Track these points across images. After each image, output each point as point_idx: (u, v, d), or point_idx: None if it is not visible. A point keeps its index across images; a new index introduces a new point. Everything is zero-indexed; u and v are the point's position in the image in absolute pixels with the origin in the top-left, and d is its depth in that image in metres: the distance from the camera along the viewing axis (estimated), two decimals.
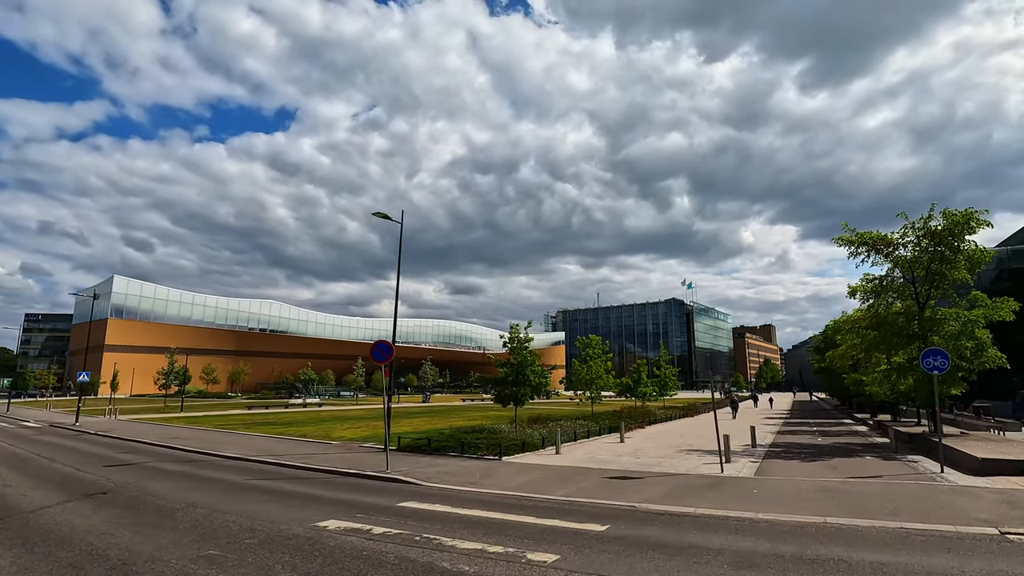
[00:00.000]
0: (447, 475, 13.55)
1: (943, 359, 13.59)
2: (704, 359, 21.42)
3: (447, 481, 12.76)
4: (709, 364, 21.30)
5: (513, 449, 17.23)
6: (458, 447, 17.24)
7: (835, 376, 46.81)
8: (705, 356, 21.42)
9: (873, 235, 20.26)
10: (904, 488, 11.52)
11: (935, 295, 20.39)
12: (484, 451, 16.79)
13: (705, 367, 20.37)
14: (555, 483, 12.39)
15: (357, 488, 12.13)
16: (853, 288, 22.39)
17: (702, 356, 20.98)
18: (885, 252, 20.47)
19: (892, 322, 20.59)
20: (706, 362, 21.56)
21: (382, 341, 14.55)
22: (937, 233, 18.96)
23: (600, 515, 9.35)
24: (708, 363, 21.02)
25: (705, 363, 20.98)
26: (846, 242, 21.10)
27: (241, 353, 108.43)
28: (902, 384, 22.76)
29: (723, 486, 11.95)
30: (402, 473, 13.71)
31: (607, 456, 17.23)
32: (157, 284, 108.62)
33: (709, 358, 22.01)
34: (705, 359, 21.47)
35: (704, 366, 20.17)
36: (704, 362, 21.34)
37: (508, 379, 21.80)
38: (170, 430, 26.94)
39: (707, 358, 21.59)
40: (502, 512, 9.62)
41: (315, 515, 9.29)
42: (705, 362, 21.49)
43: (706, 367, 20.57)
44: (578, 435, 22.28)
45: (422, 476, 13.34)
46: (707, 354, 21.62)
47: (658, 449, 19.30)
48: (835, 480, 12.53)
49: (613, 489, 11.70)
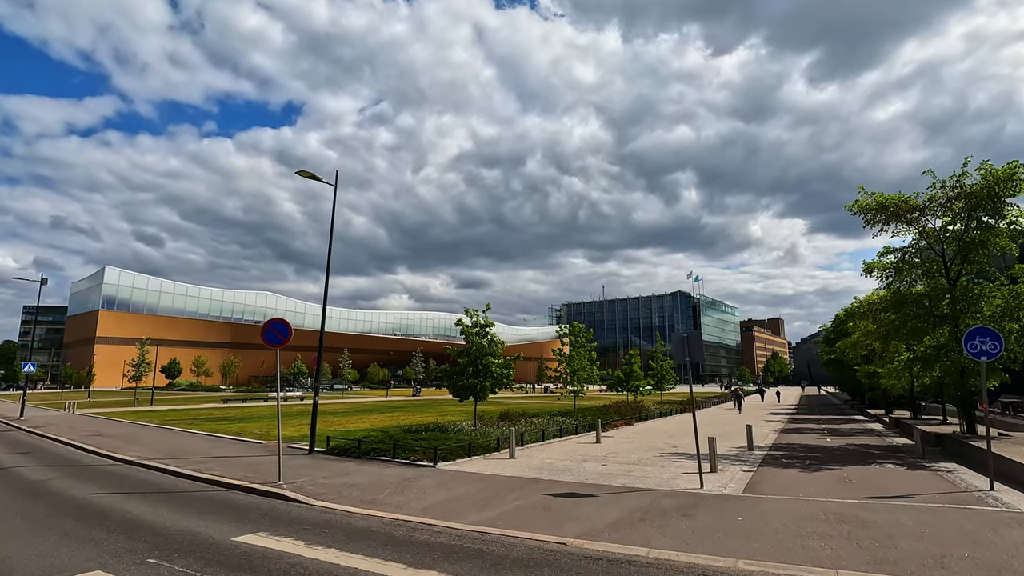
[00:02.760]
0: (351, 489, 10.64)
1: (994, 341, 10.44)
2: (679, 341, 17.75)
3: (344, 498, 9.85)
4: (685, 345, 17.38)
5: (457, 453, 14.31)
6: (390, 450, 14.35)
7: (846, 368, 43.54)
8: (681, 337, 17.89)
9: (895, 198, 17.02)
10: (949, 517, 8.42)
11: (968, 270, 17.15)
12: (419, 455, 13.89)
13: (679, 350, 16.62)
14: (479, 503, 9.45)
15: (218, 509, 9.25)
16: (869, 265, 19.19)
17: (676, 337, 17.48)
18: (909, 219, 17.24)
19: (917, 302, 17.36)
20: (681, 344, 17.78)
21: (278, 320, 11.61)
22: (974, 193, 15.71)
23: (508, 562, 6.40)
24: (682, 345, 17.22)
25: (680, 345, 17.22)
26: (862, 209, 17.91)
27: (236, 345, 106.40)
28: (926, 376, 19.57)
29: (698, 509, 8.94)
30: (297, 486, 10.83)
31: (570, 462, 14.26)
32: (150, 276, 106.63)
33: (686, 338, 18.28)
34: (680, 340, 17.82)
35: (678, 349, 16.49)
36: (678, 344, 17.60)
37: (467, 370, 18.85)
38: (108, 426, 24.31)
39: (683, 339, 17.96)
40: (370, 553, 6.69)
41: (91, 557, 6.43)
42: (680, 344, 17.73)
43: (680, 350, 16.77)
44: (548, 434, 19.33)
45: (319, 491, 10.45)
46: (683, 335, 18.22)
47: (636, 452, 16.31)
48: (850, 502, 9.46)
49: (551, 514, 8.73)
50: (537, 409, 29.50)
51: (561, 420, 23.14)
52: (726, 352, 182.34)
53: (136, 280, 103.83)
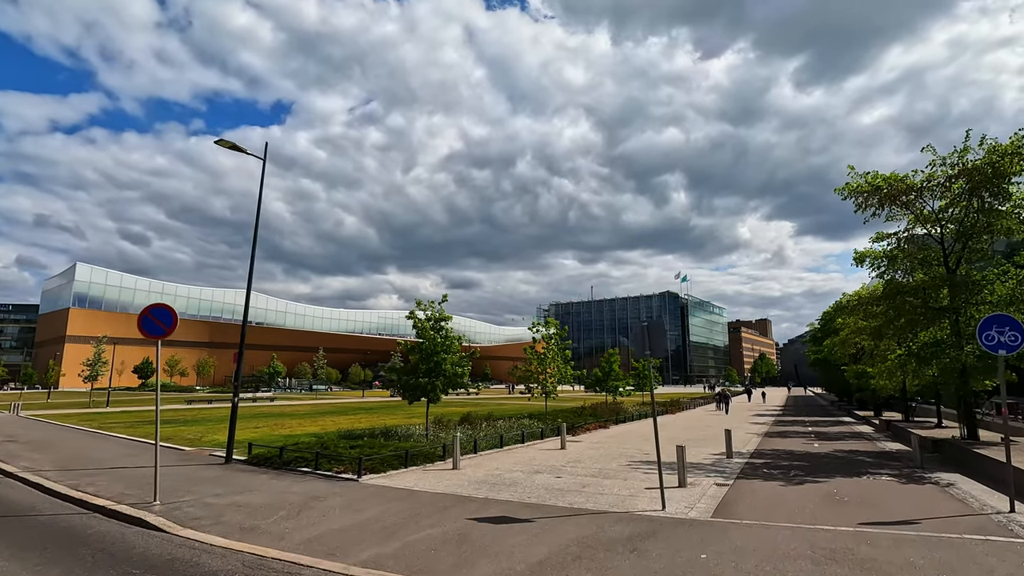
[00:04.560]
0: (237, 511, 8.67)
1: (1014, 332, 8.67)
2: (638, 332, 14.95)
3: (220, 525, 7.90)
4: (645, 336, 14.49)
5: (391, 463, 12.36)
6: (313, 460, 12.38)
7: (833, 368, 42.18)
8: (641, 327, 15.17)
9: (890, 177, 15.35)
10: (970, 553, 6.61)
11: (969, 257, 15.52)
12: (345, 466, 11.93)
13: (639, 342, 13.91)
14: (384, 531, 7.54)
15: (42, 543, 7.25)
16: (861, 253, 17.52)
17: (635, 328, 14.78)
18: (904, 201, 15.57)
19: (913, 292, 15.68)
20: (641, 335, 14.87)
21: (159, 307, 9.61)
22: (977, 170, 14.06)
23: None
24: (642, 336, 14.36)
25: (640, 337, 14.30)
26: (852, 192, 16.22)
27: (215, 345, 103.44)
28: (920, 376, 17.93)
29: (653, 541, 7.09)
30: (172, 508, 8.84)
31: (521, 473, 12.39)
32: (124, 273, 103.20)
33: (646, 329, 15.56)
34: (640, 331, 15.03)
35: (638, 341, 13.82)
36: (638, 335, 14.71)
37: (419, 367, 16.89)
38: (34, 430, 22.05)
39: (642, 329, 15.25)
40: None
41: None
42: (640, 335, 14.82)
43: (640, 342, 13.98)
44: (509, 440, 17.47)
45: (196, 515, 8.48)
46: (643, 324, 15.66)
47: (602, 460, 14.48)
48: (844, 531, 7.64)
49: (464, 548, 6.84)
50: (507, 411, 27.62)
51: (529, 423, 21.30)
52: (714, 353, 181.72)
53: (109, 277, 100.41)
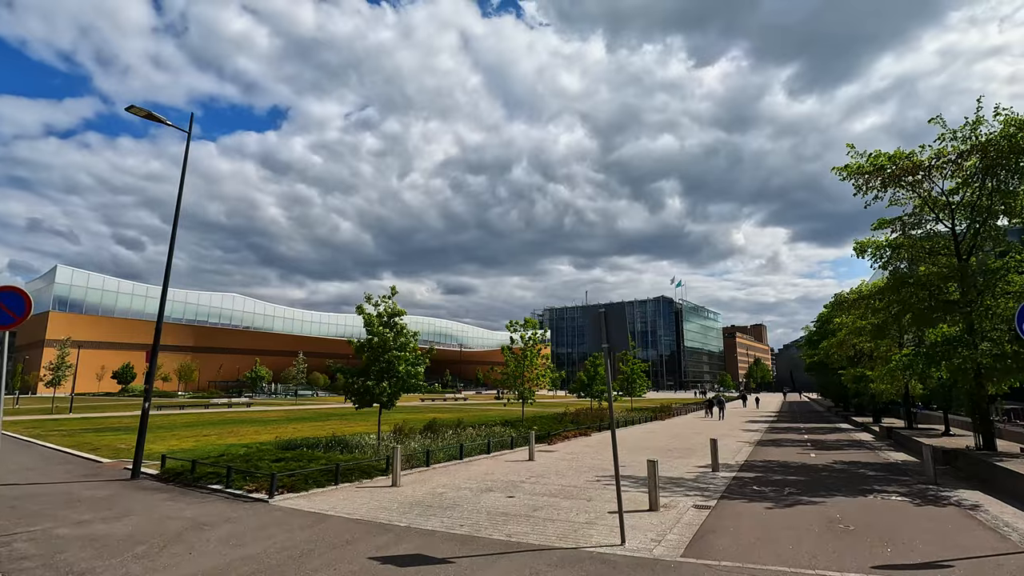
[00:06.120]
0: (88, 546, 6.84)
1: None
2: (595, 319, 13.16)
3: (47, 569, 6.08)
4: (602, 324, 12.83)
5: (317, 480, 10.53)
6: (224, 475, 10.54)
7: (830, 372, 40.54)
8: (598, 314, 13.43)
9: (895, 155, 13.68)
10: None
11: (983, 244, 13.87)
12: (259, 483, 10.09)
13: (595, 331, 12.34)
14: None
15: None
16: (861, 244, 15.85)
17: (592, 315, 13.04)
18: (910, 181, 13.92)
19: (922, 284, 13.96)
20: (598, 323, 13.07)
21: (8, 289, 7.82)
22: (992, 145, 12.41)
23: None
24: (599, 324, 12.77)
25: (596, 325, 12.60)
26: (853, 172, 14.56)
27: (200, 349, 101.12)
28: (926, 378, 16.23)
29: None
30: (6, 542, 7.02)
31: (468, 491, 10.57)
32: (106, 276, 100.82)
33: (603, 315, 13.72)
34: (597, 318, 13.21)
35: (594, 330, 12.31)
36: (595, 323, 12.95)
37: (371, 369, 15.06)
38: None
39: (599, 316, 13.50)
40: None
41: None
42: (597, 323, 13.03)
43: (596, 332, 12.38)
44: (472, 450, 15.66)
45: (27, 552, 6.65)
46: (600, 311, 13.89)
47: (570, 474, 12.68)
48: None
49: None
50: (483, 418, 25.80)
51: (501, 431, 19.53)
52: (709, 358, 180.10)
53: (91, 280, 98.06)
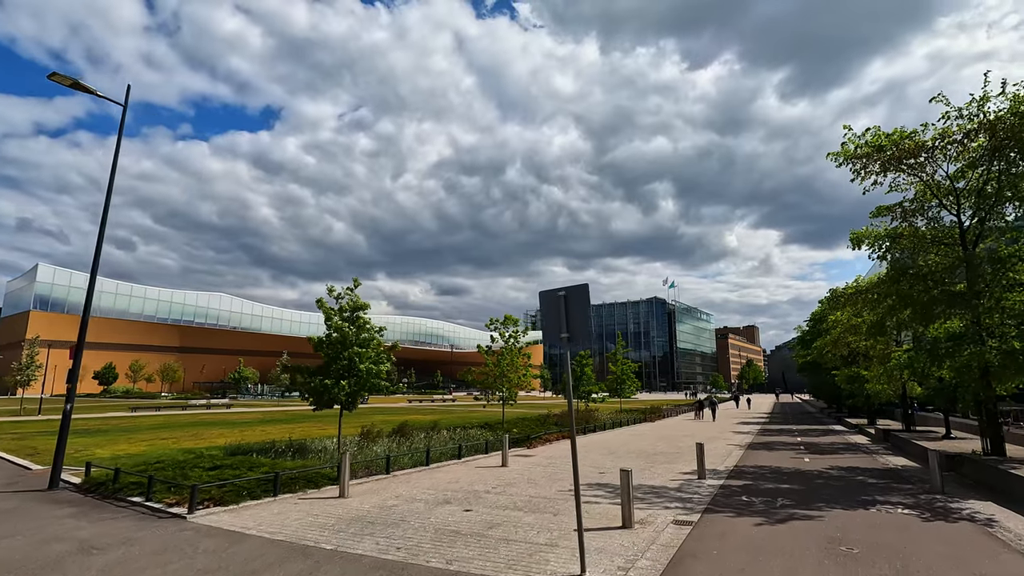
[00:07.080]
0: None
1: None
2: (552, 301, 11.67)
3: None
4: (561, 309, 11.21)
5: (252, 491, 9.33)
6: (146, 486, 9.31)
7: (823, 373, 39.63)
8: (555, 296, 11.93)
9: (896, 134, 12.65)
10: None
11: (989, 231, 12.87)
12: (183, 495, 8.87)
13: (552, 318, 10.91)
14: None
15: None
16: (858, 234, 14.80)
17: (547, 298, 11.72)
18: (912, 164, 12.90)
19: (925, 274, 12.92)
20: (555, 305, 11.51)
21: None
22: (1001, 122, 11.40)
23: None
24: (557, 308, 11.14)
25: (553, 308, 11.07)
26: (849, 156, 13.52)
27: (185, 350, 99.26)
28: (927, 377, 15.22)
29: None
30: None
31: (424, 503, 9.40)
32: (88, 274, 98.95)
33: (563, 298, 12.24)
34: (555, 301, 11.67)
35: (551, 316, 10.87)
36: (551, 306, 11.49)
37: (331, 367, 13.88)
38: None
39: (558, 299, 12.00)
40: None
41: None
42: (554, 306, 11.52)
43: (554, 319, 10.93)
44: (440, 454, 14.49)
45: None
46: (559, 292, 12.35)
47: (541, 483, 11.53)
48: None
49: None
50: (462, 420, 24.62)
51: (477, 434, 18.38)
52: (701, 359, 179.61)
53: (73, 279, 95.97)
